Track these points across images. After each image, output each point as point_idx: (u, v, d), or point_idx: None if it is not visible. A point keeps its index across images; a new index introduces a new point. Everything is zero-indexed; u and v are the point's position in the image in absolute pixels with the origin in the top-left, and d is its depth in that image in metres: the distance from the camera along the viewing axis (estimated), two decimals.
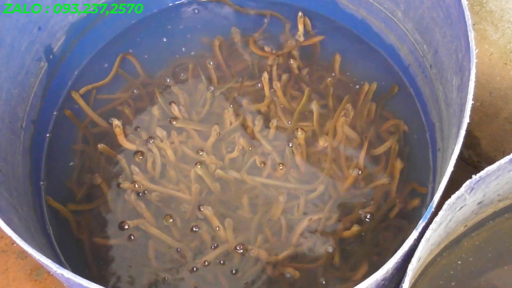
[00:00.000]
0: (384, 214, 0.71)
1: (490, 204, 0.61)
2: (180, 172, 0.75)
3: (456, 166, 0.48)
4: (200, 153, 0.75)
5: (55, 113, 0.81)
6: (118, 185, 0.74)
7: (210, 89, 0.81)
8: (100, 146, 0.76)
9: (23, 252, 0.87)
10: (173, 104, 0.78)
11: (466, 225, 0.62)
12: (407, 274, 0.43)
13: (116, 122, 0.76)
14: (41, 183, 0.75)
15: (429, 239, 0.46)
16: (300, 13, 0.84)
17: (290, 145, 0.76)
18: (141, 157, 0.76)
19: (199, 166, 0.73)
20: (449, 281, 0.63)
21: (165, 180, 0.74)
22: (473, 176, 0.47)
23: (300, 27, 0.84)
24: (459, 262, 0.64)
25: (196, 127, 0.78)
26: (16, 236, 0.48)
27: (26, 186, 0.71)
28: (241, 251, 0.69)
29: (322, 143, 0.75)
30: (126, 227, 0.71)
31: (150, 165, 0.75)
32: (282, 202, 0.72)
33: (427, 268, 0.63)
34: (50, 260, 0.46)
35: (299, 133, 0.75)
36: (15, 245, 0.88)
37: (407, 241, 0.45)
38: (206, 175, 0.73)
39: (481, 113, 0.80)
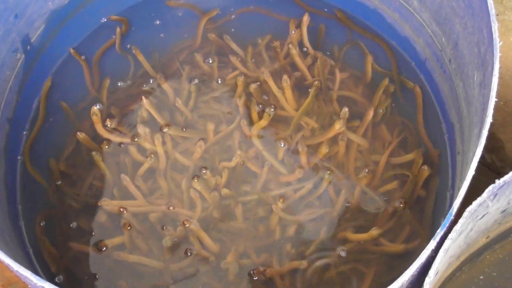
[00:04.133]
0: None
1: None
2: (173, 179, 0.76)
3: (478, 171, 0.49)
4: (203, 171, 0.76)
5: (32, 110, 0.81)
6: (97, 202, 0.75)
7: (194, 81, 0.82)
8: (81, 135, 0.77)
9: None
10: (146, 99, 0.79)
11: (488, 236, 0.63)
12: (424, 286, 0.44)
13: (94, 109, 0.77)
14: (17, 187, 0.76)
15: (448, 250, 0.47)
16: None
17: (282, 145, 0.77)
18: (106, 147, 0.77)
19: (196, 180, 0.75)
20: None
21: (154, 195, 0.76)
22: (497, 181, 0.48)
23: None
24: (481, 277, 0.65)
25: (187, 134, 0.79)
26: None
27: (1, 191, 0.71)
28: (256, 277, 0.70)
29: (338, 126, 0.76)
30: (104, 248, 0.72)
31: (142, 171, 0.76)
32: (279, 209, 0.73)
33: (446, 283, 0.64)
34: (29, 272, 0.47)
35: (300, 149, 0.77)
36: None
37: (423, 252, 0.46)
38: (205, 190, 0.75)
39: (505, 113, 0.81)
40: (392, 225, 0.73)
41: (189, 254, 0.72)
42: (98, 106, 0.79)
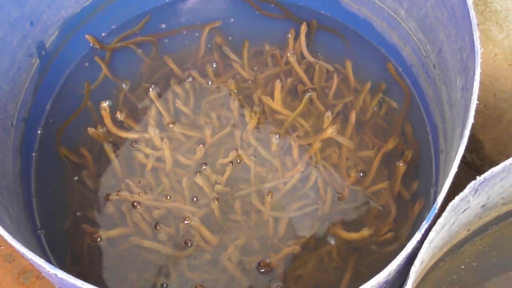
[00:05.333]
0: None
1: (494, 208, 0.62)
2: (175, 175, 0.76)
3: (459, 169, 0.49)
4: (204, 167, 0.76)
5: (46, 110, 0.81)
6: (108, 195, 0.75)
7: (188, 79, 0.82)
8: (90, 130, 0.78)
9: (11, 255, 0.88)
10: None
11: (469, 229, 0.63)
12: (410, 276, 0.44)
13: (103, 104, 0.78)
14: (32, 181, 0.76)
15: (432, 241, 0.47)
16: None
17: (277, 137, 0.77)
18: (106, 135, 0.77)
19: (198, 175, 0.74)
20: (452, 286, 0.64)
21: (160, 189, 0.75)
22: (477, 178, 0.48)
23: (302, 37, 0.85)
24: (462, 266, 0.65)
25: (193, 133, 0.79)
26: (8, 235, 0.48)
27: (16, 185, 0.71)
28: (263, 270, 0.70)
29: (330, 131, 0.76)
30: (99, 239, 0.72)
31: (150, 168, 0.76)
32: (269, 202, 0.73)
33: (429, 273, 0.64)
34: (43, 260, 0.46)
35: (292, 143, 0.77)
36: (2, 247, 0.88)
37: (409, 243, 0.46)
38: (206, 185, 0.74)
39: (485, 116, 0.81)
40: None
41: (189, 244, 0.71)
42: (107, 103, 0.79)
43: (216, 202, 0.73)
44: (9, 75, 0.73)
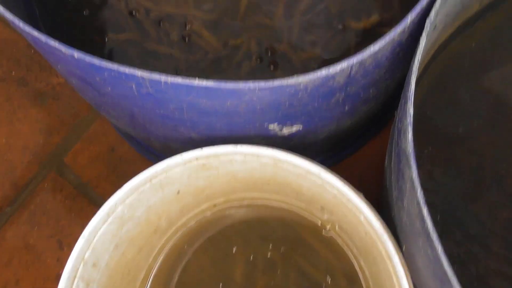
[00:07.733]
0: None
1: None
2: None
3: None
4: None
5: None
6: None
7: None
8: None
9: (23, 78, 0.89)
10: None
11: (481, 2, 0.62)
12: (425, 27, 0.44)
13: None
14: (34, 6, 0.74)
15: None
16: None
17: None
18: None
19: None
20: (462, 63, 0.65)
21: None
22: None
23: None
24: (473, 44, 0.65)
25: None
26: (30, 27, 0.48)
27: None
28: (270, 56, 0.70)
29: None
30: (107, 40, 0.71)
31: None
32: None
33: (440, 52, 0.65)
34: (57, 42, 0.47)
35: None
36: (13, 73, 0.89)
37: None
38: None
39: None
40: None
41: (194, 47, 0.71)
42: None
43: None
44: None
